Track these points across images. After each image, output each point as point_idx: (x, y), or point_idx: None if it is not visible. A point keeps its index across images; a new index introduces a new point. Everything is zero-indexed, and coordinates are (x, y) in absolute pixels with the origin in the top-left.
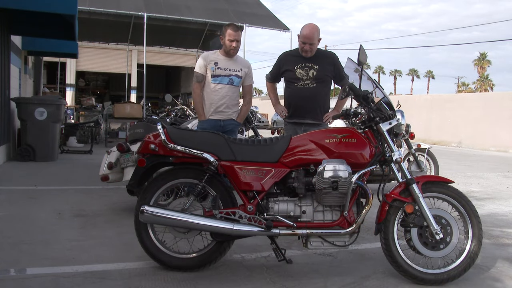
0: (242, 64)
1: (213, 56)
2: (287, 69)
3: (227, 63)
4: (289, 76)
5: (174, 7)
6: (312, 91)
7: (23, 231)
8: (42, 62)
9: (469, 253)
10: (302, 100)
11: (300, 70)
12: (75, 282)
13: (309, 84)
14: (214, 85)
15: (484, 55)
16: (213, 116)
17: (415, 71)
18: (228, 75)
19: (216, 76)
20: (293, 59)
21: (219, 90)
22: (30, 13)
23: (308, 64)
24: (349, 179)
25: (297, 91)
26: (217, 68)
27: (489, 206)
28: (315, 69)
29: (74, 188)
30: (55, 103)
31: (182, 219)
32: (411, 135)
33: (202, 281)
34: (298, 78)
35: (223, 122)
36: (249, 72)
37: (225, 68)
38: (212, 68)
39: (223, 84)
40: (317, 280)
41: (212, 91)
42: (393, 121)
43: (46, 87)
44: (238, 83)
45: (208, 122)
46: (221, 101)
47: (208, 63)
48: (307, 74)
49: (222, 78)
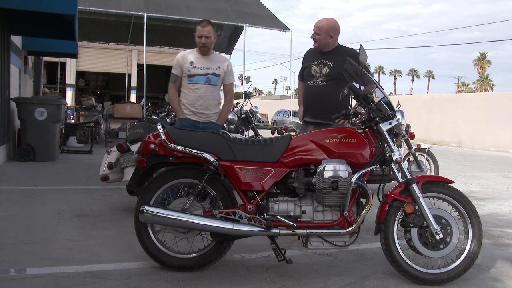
0: (220, 62)
1: (189, 55)
2: (306, 66)
3: (203, 61)
4: (306, 73)
5: (174, 7)
6: (321, 90)
7: (23, 231)
8: (42, 62)
9: (469, 253)
10: (312, 99)
11: (315, 67)
12: (75, 282)
13: (320, 82)
14: (191, 85)
15: (484, 55)
16: (191, 116)
17: (415, 71)
18: (205, 74)
19: (192, 76)
20: (312, 55)
21: (196, 91)
22: (30, 13)
23: (323, 61)
24: (349, 179)
25: (308, 89)
26: (193, 68)
27: (489, 206)
28: (329, 66)
29: (74, 188)
30: (55, 103)
31: (182, 219)
32: (411, 135)
33: (202, 281)
34: (312, 76)
35: (201, 125)
36: (229, 69)
37: (201, 67)
38: (187, 68)
39: (199, 84)
40: (317, 280)
41: (188, 91)
42: (393, 121)
43: (46, 87)
44: (216, 82)
45: (187, 120)
46: (198, 101)
47: (183, 62)
48: (321, 71)
49: (198, 78)
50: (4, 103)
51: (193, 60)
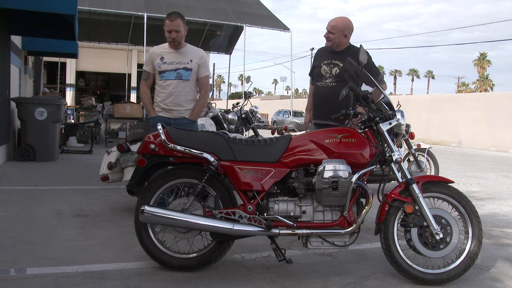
0: (193, 55)
1: (159, 50)
2: (315, 65)
3: (174, 56)
4: (316, 73)
5: (174, 7)
6: (330, 91)
7: (23, 231)
8: (42, 62)
9: (469, 253)
10: (321, 100)
11: (325, 66)
12: (75, 282)
13: (330, 83)
14: (162, 81)
15: (484, 55)
16: (162, 113)
17: (415, 71)
18: (175, 69)
19: (162, 72)
20: (322, 54)
21: (167, 87)
22: (30, 13)
23: (333, 61)
24: (349, 179)
25: (317, 90)
26: (163, 63)
27: (489, 206)
28: (339, 67)
29: (74, 188)
30: (55, 103)
31: (182, 219)
32: (411, 135)
33: (202, 281)
34: (322, 76)
35: (173, 121)
36: (202, 62)
37: (172, 62)
38: (158, 64)
39: (170, 79)
40: (317, 280)
41: (160, 88)
42: (393, 121)
43: (46, 87)
44: (188, 76)
45: (158, 118)
46: (168, 98)
47: (154, 58)
48: (331, 71)
49: (169, 74)
50: (4, 103)
51: (163, 55)
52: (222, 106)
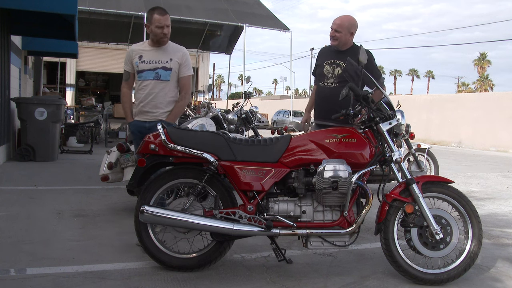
0: (173, 53)
1: (138, 48)
2: (318, 64)
3: (153, 54)
4: (318, 73)
5: (174, 7)
6: (332, 92)
7: (23, 231)
8: (42, 62)
9: (469, 253)
10: (322, 101)
11: (327, 66)
12: (75, 282)
13: (332, 83)
14: (140, 82)
15: (484, 55)
16: (138, 117)
17: (415, 71)
18: (154, 69)
19: (140, 71)
20: (326, 53)
21: (144, 88)
22: (30, 13)
23: (336, 61)
24: (349, 179)
25: (319, 90)
26: (141, 62)
27: (489, 206)
28: (341, 67)
29: (74, 188)
30: (55, 103)
31: (182, 219)
32: (411, 135)
33: (202, 281)
34: (324, 76)
35: (148, 124)
36: (184, 61)
37: (150, 60)
38: (136, 62)
39: (148, 80)
40: (317, 280)
41: (138, 89)
42: (393, 121)
43: (46, 87)
44: (167, 76)
45: (134, 124)
46: (146, 99)
47: (133, 57)
48: (333, 71)
49: (147, 73)
50: (4, 103)
51: (142, 53)
52: (222, 106)
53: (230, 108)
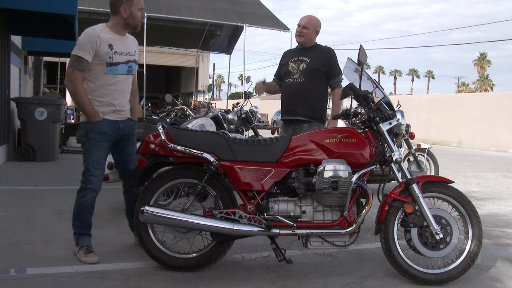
0: (134, 43)
1: (104, 35)
2: (282, 64)
3: (122, 44)
4: (283, 71)
5: (174, 7)
6: (298, 86)
7: (23, 231)
8: (42, 62)
9: (469, 253)
10: (289, 96)
11: (292, 63)
12: (75, 282)
13: (298, 79)
14: (111, 76)
15: (484, 55)
16: (109, 116)
17: (415, 71)
18: (127, 62)
19: (114, 64)
20: (289, 54)
21: (118, 84)
22: (30, 13)
23: (300, 58)
24: (349, 179)
25: (286, 87)
26: (114, 53)
27: (489, 206)
28: (306, 62)
29: (74, 188)
30: (55, 103)
31: (182, 219)
32: (411, 135)
33: (202, 281)
34: (289, 73)
35: (121, 124)
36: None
37: (122, 52)
38: (107, 53)
39: (121, 74)
40: (317, 280)
41: (107, 84)
42: (393, 121)
43: (46, 87)
44: (135, 71)
45: (108, 124)
46: (120, 97)
47: (99, 44)
48: (298, 67)
49: (121, 67)
50: (4, 103)
51: (111, 42)
52: (222, 106)
53: (230, 108)
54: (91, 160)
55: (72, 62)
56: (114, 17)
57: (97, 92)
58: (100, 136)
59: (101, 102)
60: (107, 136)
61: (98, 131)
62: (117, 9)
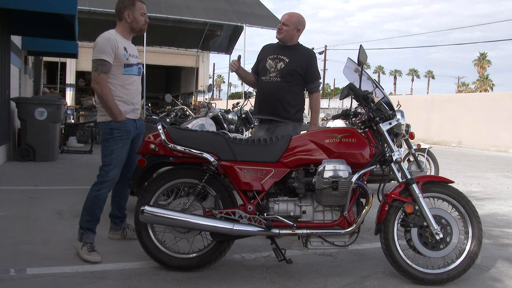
0: (135, 47)
1: (119, 38)
2: (261, 59)
3: (131, 48)
4: (261, 67)
5: (174, 7)
6: (273, 86)
7: (23, 231)
8: (42, 62)
9: (469, 253)
10: (263, 95)
11: (270, 61)
12: (75, 282)
13: (274, 78)
14: (127, 77)
15: (484, 55)
16: (129, 115)
17: (415, 71)
18: (137, 64)
19: (130, 65)
20: (269, 49)
21: (133, 84)
22: (30, 13)
23: (280, 56)
24: (349, 179)
25: (261, 85)
26: (130, 56)
27: (489, 206)
28: (284, 62)
29: (74, 188)
30: (55, 103)
31: (182, 219)
32: (411, 135)
33: (202, 281)
34: (266, 70)
35: (138, 123)
36: None
37: (133, 54)
38: (124, 55)
39: (135, 75)
40: (317, 280)
41: (124, 84)
42: (393, 121)
43: (46, 87)
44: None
45: (131, 123)
46: (136, 97)
47: (118, 47)
48: (276, 66)
49: (134, 68)
50: (4, 103)
51: (125, 45)
52: (222, 106)
53: (230, 108)
54: (115, 155)
55: (97, 66)
56: (120, 23)
57: (118, 92)
58: (126, 133)
59: (123, 101)
60: (131, 134)
61: (125, 129)
62: (122, 15)
